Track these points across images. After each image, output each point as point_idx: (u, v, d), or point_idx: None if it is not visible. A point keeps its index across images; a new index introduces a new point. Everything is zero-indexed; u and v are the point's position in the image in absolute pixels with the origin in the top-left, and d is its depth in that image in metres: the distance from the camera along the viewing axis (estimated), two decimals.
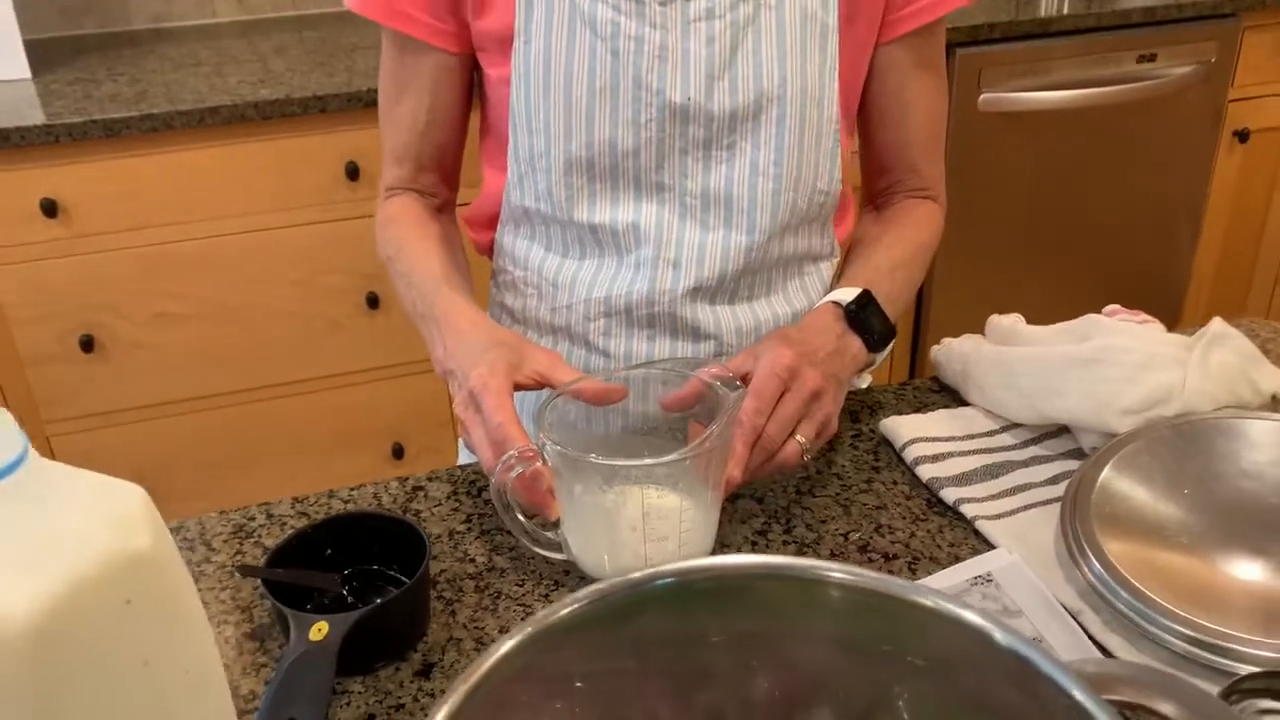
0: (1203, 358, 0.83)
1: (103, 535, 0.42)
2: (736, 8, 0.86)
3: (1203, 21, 2.34)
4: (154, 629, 0.44)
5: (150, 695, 0.44)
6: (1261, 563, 0.69)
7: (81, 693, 0.41)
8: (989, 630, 0.41)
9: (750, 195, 0.91)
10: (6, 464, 0.41)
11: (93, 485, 0.44)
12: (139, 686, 0.43)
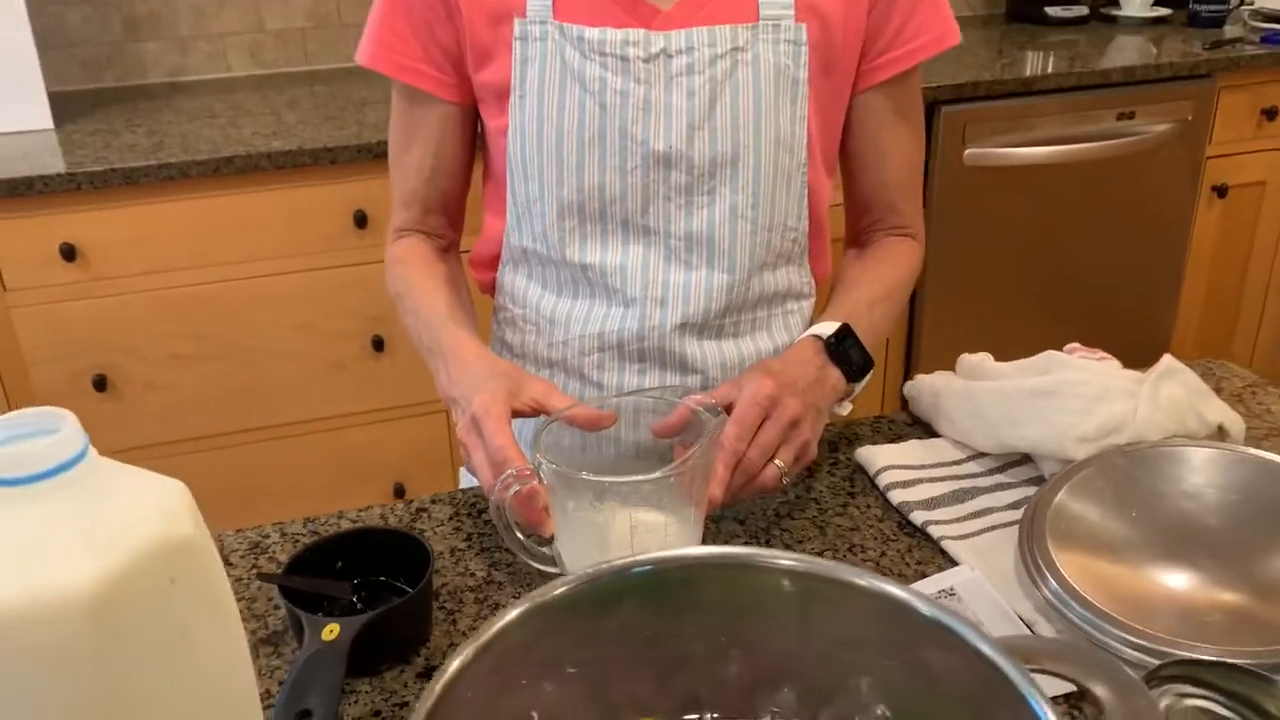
0: (1153, 391, 0.89)
1: (152, 522, 0.48)
2: (714, 64, 0.94)
3: (1179, 81, 2.44)
4: (193, 606, 0.50)
5: (189, 665, 0.50)
6: (1198, 576, 0.75)
7: (131, 658, 0.47)
8: (913, 603, 0.47)
9: (730, 236, 0.97)
10: (71, 458, 0.47)
11: (141, 479, 0.50)
12: (179, 657, 0.49)
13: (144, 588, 0.47)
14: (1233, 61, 2.46)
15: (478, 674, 0.47)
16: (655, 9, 0.94)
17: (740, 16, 0.94)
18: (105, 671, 0.46)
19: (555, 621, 0.50)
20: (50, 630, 0.45)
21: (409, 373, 2.16)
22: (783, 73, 0.95)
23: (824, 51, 0.96)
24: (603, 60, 0.92)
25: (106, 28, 2.39)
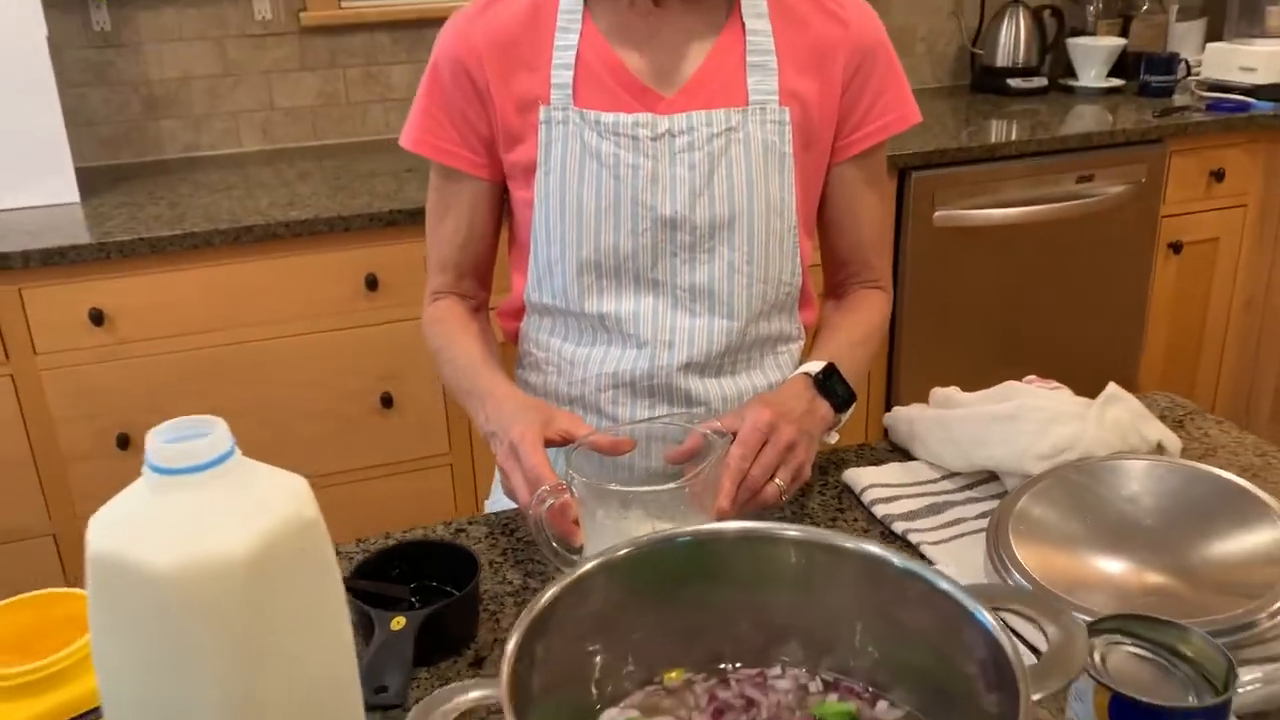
0: (1099, 414, 1.02)
1: (287, 504, 0.60)
2: (711, 141, 1.08)
3: (1133, 146, 2.62)
4: (314, 572, 0.61)
5: (310, 618, 0.61)
6: (1134, 565, 0.87)
7: (274, 609, 0.58)
8: (889, 558, 0.60)
9: (729, 288, 1.11)
10: (223, 454, 0.59)
11: (275, 473, 0.62)
12: (305, 611, 0.61)
13: (282, 554, 0.59)
14: (1181, 127, 2.64)
15: (561, 608, 0.59)
16: (660, 96, 1.08)
17: (732, 101, 1.08)
18: (256, 619, 0.58)
19: (617, 577, 0.62)
20: (215, 586, 0.56)
21: (416, 428, 2.27)
22: (770, 148, 1.09)
23: (804, 130, 1.11)
24: (616, 140, 1.06)
25: (126, 108, 2.54)
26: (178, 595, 0.56)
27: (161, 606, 0.57)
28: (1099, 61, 3.01)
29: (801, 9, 1.10)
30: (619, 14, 1.09)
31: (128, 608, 0.58)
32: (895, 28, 3.02)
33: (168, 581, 0.56)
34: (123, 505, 0.60)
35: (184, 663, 0.58)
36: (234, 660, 0.58)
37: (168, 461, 0.58)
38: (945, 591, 0.58)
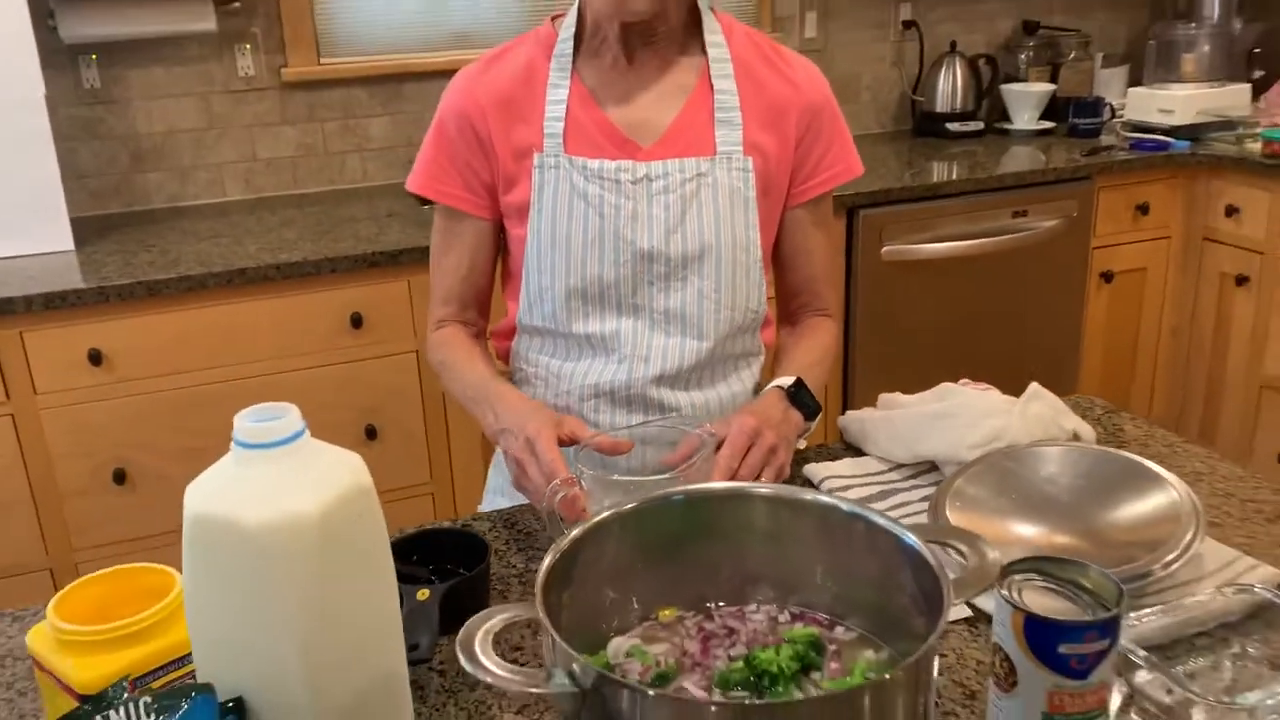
0: (1023, 409, 1.18)
1: (348, 475, 0.73)
2: (684, 185, 1.23)
3: (1063, 183, 2.82)
4: (369, 530, 0.74)
5: (366, 568, 0.74)
6: (1047, 530, 1.02)
7: (337, 558, 0.71)
8: (837, 504, 0.74)
9: (699, 312, 1.25)
10: (297, 433, 0.72)
11: (337, 450, 0.75)
12: (362, 562, 0.74)
13: (346, 515, 0.72)
14: (1107, 166, 2.85)
15: (581, 549, 0.72)
16: (639, 146, 1.23)
17: (702, 151, 1.24)
18: (324, 567, 0.71)
19: (627, 526, 0.76)
20: (292, 539, 0.69)
21: (399, 458, 2.39)
22: (736, 193, 1.24)
23: (764, 178, 1.26)
24: (601, 183, 1.21)
25: (115, 161, 2.66)
26: (262, 547, 0.69)
27: (249, 557, 0.69)
28: (1031, 106, 3.22)
29: (760, 72, 1.26)
30: (602, 73, 1.24)
31: (220, 559, 0.71)
32: (841, 76, 3.24)
33: (255, 536, 0.69)
34: (214, 476, 0.72)
35: (265, 604, 0.70)
36: (306, 601, 0.71)
37: (252, 438, 0.71)
38: (883, 527, 0.72)
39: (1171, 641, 0.91)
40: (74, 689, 0.77)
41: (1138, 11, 3.60)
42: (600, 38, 1.24)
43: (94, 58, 2.57)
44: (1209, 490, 1.18)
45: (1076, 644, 0.76)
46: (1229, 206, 2.88)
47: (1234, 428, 2.99)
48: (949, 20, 3.35)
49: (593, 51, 1.25)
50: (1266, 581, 0.96)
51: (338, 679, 0.73)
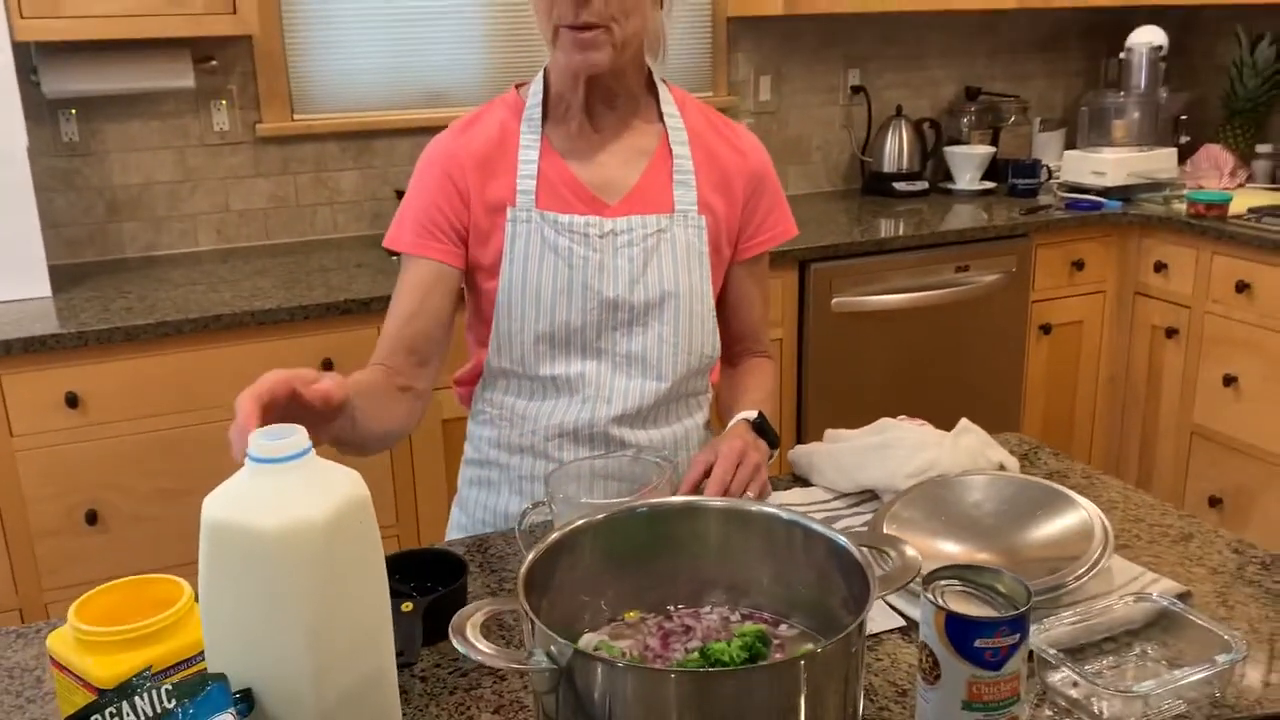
0: (953, 442, 1.29)
1: (350, 487, 0.82)
2: (646, 239, 1.34)
3: (1003, 240, 2.98)
4: (367, 536, 0.83)
5: (364, 571, 0.83)
6: (971, 548, 1.13)
7: (341, 561, 0.80)
8: (779, 514, 0.84)
9: (658, 356, 1.36)
10: (305, 450, 0.81)
11: (338, 466, 0.84)
12: (361, 565, 0.82)
13: (348, 523, 0.81)
14: (1044, 224, 3.01)
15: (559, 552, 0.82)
16: (605, 203, 1.34)
17: (662, 209, 1.35)
18: (329, 569, 0.80)
19: (597, 534, 0.85)
20: (302, 543, 0.78)
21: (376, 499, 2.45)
22: (691, 247, 1.36)
23: (714, 235, 1.38)
24: (570, 236, 1.32)
25: (90, 211, 2.74)
26: (276, 550, 0.78)
27: (263, 559, 0.78)
28: (973, 167, 3.39)
29: (711, 141, 1.39)
30: (569, 137, 1.35)
31: (236, 562, 0.79)
32: (793, 138, 3.40)
33: (269, 540, 0.78)
34: (230, 488, 0.81)
35: (277, 602, 0.79)
36: (312, 599, 0.79)
37: (266, 454, 0.80)
38: (819, 532, 0.82)
39: (1082, 645, 1.02)
40: (94, 685, 0.84)
41: (1074, 80, 3.81)
42: (565, 104, 1.35)
43: (73, 112, 2.66)
44: (1122, 516, 1.30)
45: (990, 638, 0.86)
46: (1158, 263, 3.05)
47: (1168, 472, 3.14)
48: (896, 86, 3.53)
49: (559, 117, 1.36)
50: (1166, 593, 1.07)
51: (338, 672, 0.81)
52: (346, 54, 2.88)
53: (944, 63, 3.60)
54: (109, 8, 2.35)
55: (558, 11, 1.23)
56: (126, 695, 0.77)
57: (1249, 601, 1.11)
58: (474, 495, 1.45)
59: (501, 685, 1.00)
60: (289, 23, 2.81)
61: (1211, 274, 2.92)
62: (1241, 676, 0.99)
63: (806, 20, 3.33)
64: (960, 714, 0.89)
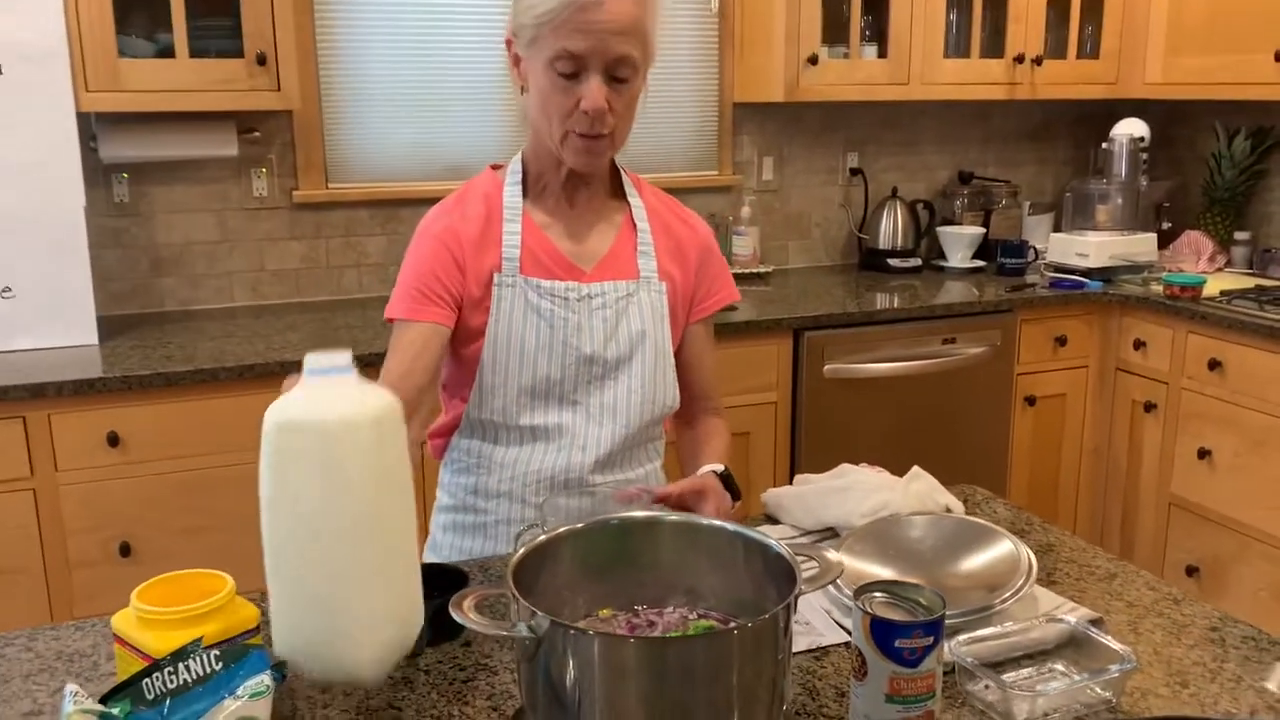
0: (905, 486, 1.45)
1: (386, 395, 0.97)
2: (617, 302, 1.51)
3: (988, 315, 3.15)
4: (401, 443, 0.98)
5: (399, 466, 0.97)
6: (916, 576, 1.28)
7: (385, 453, 0.94)
8: (725, 526, 1.01)
9: (626, 405, 1.53)
10: (348, 366, 0.97)
11: (371, 382, 1.00)
12: (397, 461, 0.97)
13: (391, 422, 0.97)
14: (1027, 301, 3.19)
15: (538, 557, 0.98)
16: (583, 270, 1.52)
17: (629, 275, 1.53)
18: (378, 459, 0.95)
19: (571, 542, 1.02)
20: (359, 431, 0.93)
21: None
22: (655, 308, 1.54)
23: (672, 299, 1.56)
24: (551, 299, 1.49)
25: (136, 266, 2.95)
26: (337, 438, 0.93)
27: (326, 448, 0.92)
28: (964, 246, 3.58)
29: (666, 218, 1.59)
30: (548, 212, 1.53)
31: (300, 457, 0.93)
32: (794, 214, 3.61)
33: (331, 429, 0.93)
34: (289, 399, 0.96)
35: (337, 488, 0.93)
36: (369, 487, 0.94)
37: (321, 366, 0.97)
38: (756, 540, 0.99)
39: (1002, 660, 1.17)
40: (150, 655, 1.01)
41: (1063, 166, 4.01)
42: (543, 183, 1.52)
43: (125, 175, 2.89)
44: (1056, 557, 1.45)
45: (908, 639, 1.02)
46: (1137, 340, 3.22)
47: (1148, 542, 3.27)
48: (892, 169, 3.75)
49: (538, 194, 1.53)
50: (1081, 619, 1.22)
51: (386, 562, 0.96)
52: (377, 129, 3.12)
53: (938, 148, 3.81)
54: (165, 82, 2.58)
55: (573, 121, 1.38)
56: (182, 658, 0.93)
57: (1156, 630, 1.26)
58: (448, 539, 1.60)
59: (494, 679, 1.16)
60: (327, 99, 3.05)
61: (1187, 352, 3.08)
62: (1134, 689, 1.14)
63: (808, 106, 3.56)
64: (884, 706, 1.04)
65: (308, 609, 0.96)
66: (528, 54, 1.40)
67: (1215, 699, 1.12)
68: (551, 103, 1.38)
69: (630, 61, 1.36)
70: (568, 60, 1.34)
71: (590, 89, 1.35)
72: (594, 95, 1.35)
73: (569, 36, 1.33)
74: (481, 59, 3.18)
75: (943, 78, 3.35)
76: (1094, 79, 3.55)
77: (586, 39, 1.33)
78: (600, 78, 1.35)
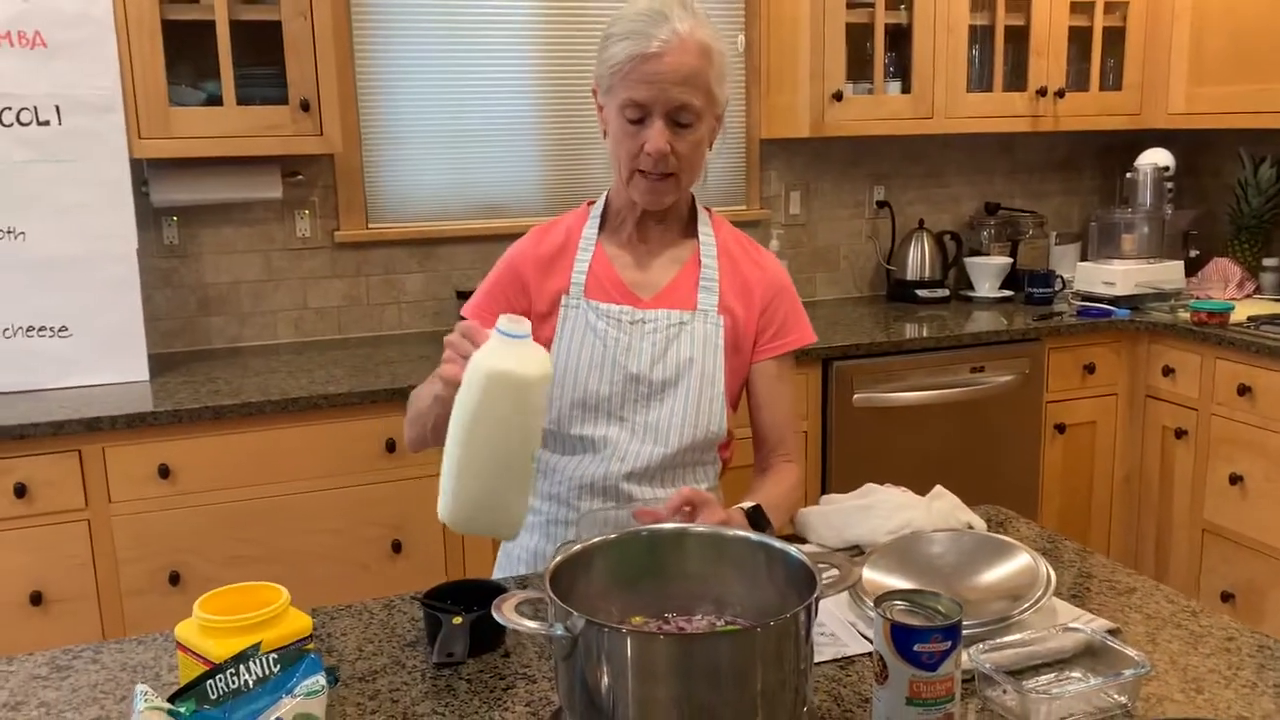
0: (928, 504, 1.50)
1: (547, 358, 1.20)
2: (669, 329, 1.59)
3: (1016, 343, 3.19)
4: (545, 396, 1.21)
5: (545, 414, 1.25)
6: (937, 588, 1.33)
7: (545, 401, 1.19)
8: (747, 536, 1.07)
9: (668, 426, 1.60)
10: (528, 333, 1.18)
11: (542, 350, 1.21)
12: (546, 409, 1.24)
13: (546, 378, 1.18)
14: (1055, 329, 3.22)
15: (572, 566, 1.04)
16: (640, 298, 1.61)
17: (686, 306, 1.61)
18: (543, 403, 1.23)
19: (603, 552, 1.08)
20: (540, 384, 1.20)
21: (420, 571, 2.68)
22: (708, 339, 1.61)
23: (732, 336, 1.63)
24: (607, 320, 1.58)
25: (184, 306, 3.06)
26: (531, 387, 1.21)
27: (520, 393, 1.20)
28: (991, 276, 3.62)
29: (738, 257, 1.67)
30: (621, 245, 1.65)
31: (504, 402, 1.20)
32: (822, 248, 3.67)
33: (533, 384, 1.21)
34: (490, 353, 1.21)
35: (520, 420, 1.21)
36: (537, 421, 1.25)
37: (514, 330, 1.20)
38: (779, 548, 1.04)
39: (1022, 668, 1.21)
40: (212, 661, 1.08)
41: (1089, 196, 4.05)
42: (620, 219, 1.65)
43: (175, 219, 3.00)
44: (1076, 573, 1.49)
45: (927, 643, 1.07)
46: (1165, 367, 3.24)
47: (1182, 569, 3.27)
48: (919, 201, 3.80)
49: (614, 229, 1.66)
50: (1099, 629, 1.26)
51: (530, 471, 1.26)
52: (416, 170, 3.22)
53: (964, 180, 3.87)
54: (213, 129, 2.70)
55: (639, 161, 1.52)
56: (243, 660, 1.00)
57: (1173, 640, 1.30)
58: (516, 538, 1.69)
59: (533, 687, 1.21)
60: (367, 143, 3.16)
61: (1216, 378, 3.10)
62: (1150, 695, 1.17)
63: (834, 141, 3.63)
64: (905, 709, 1.09)
65: (483, 493, 1.25)
66: (605, 101, 1.54)
67: (1229, 705, 1.15)
68: (621, 145, 1.52)
69: (691, 109, 1.49)
70: (634, 107, 1.49)
71: (653, 134, 1.48)
72: (655, 139, 1.48)
73: (634, 86, 1.47)
74: (514, 102, 3.28)
75: (966, 111, 3.41)
76: (1117, 110, 3.60)
77: (649, 88, 1.46)
78: (662, 123, 1.48)
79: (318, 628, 1.38)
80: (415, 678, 1.24)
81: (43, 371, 2.63)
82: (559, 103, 3.33)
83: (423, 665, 1.27)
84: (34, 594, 2.42)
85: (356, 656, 1.30)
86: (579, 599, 1.05)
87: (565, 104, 3.33)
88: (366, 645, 1.33)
